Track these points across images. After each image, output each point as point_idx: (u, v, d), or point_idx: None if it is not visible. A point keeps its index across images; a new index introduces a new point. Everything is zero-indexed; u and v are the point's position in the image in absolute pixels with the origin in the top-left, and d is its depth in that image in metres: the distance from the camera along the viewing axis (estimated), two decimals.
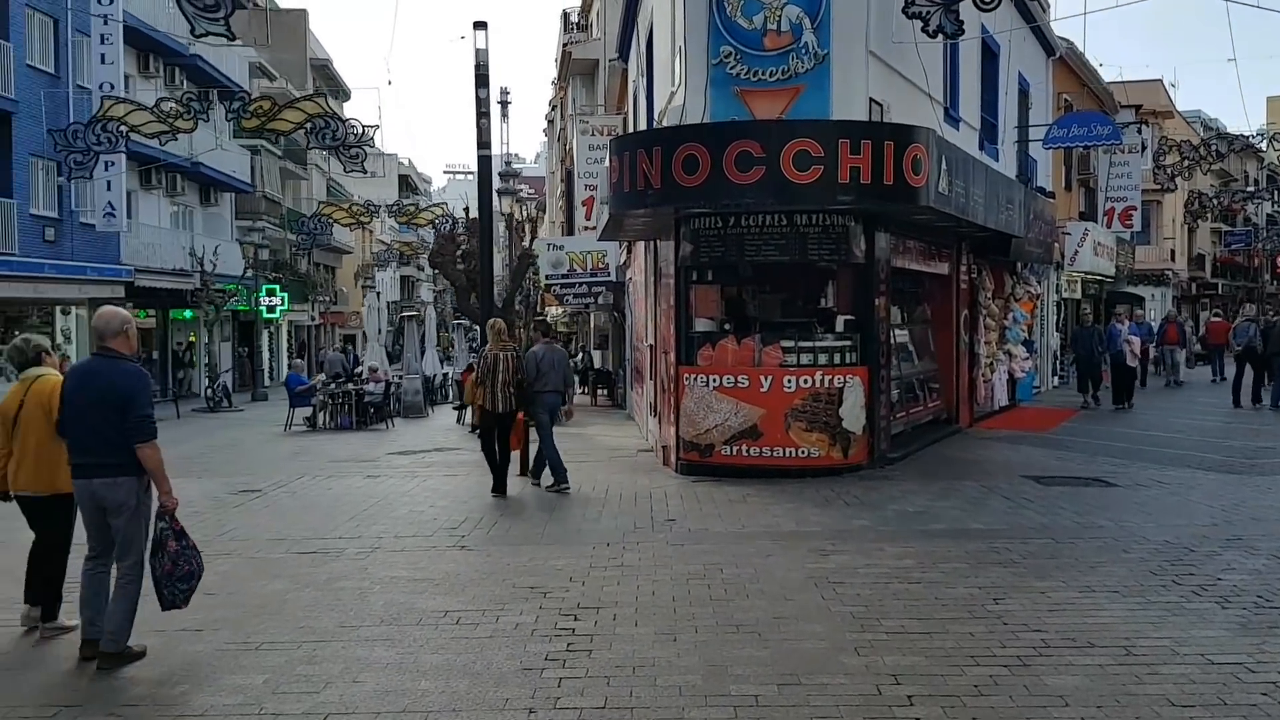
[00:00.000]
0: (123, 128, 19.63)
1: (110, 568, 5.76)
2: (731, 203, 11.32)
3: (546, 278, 26.86)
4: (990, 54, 19.33)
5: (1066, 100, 26.61)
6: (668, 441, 13.01)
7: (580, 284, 26.36)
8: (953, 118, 16.22)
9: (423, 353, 25.60)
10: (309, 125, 19.77)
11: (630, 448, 15.43)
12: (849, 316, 12.40)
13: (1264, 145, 33.59)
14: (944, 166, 11.95)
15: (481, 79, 15.33)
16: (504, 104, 77.80)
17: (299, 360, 33.74)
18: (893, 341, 13.95)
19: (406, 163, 70.08)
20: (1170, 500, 10.17)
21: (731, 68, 12.03)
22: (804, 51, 11.88)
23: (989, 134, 19.25)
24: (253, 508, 10.61)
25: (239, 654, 5.76)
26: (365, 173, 20.34)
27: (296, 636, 6.08)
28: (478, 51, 15.32)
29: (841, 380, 11.95)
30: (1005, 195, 15.59)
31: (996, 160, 18.91)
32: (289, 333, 46.50)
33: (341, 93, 59.55)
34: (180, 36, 30.67)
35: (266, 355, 39.32)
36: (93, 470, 5.57)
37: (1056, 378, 25.96)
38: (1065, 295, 26.88)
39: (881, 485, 11.27)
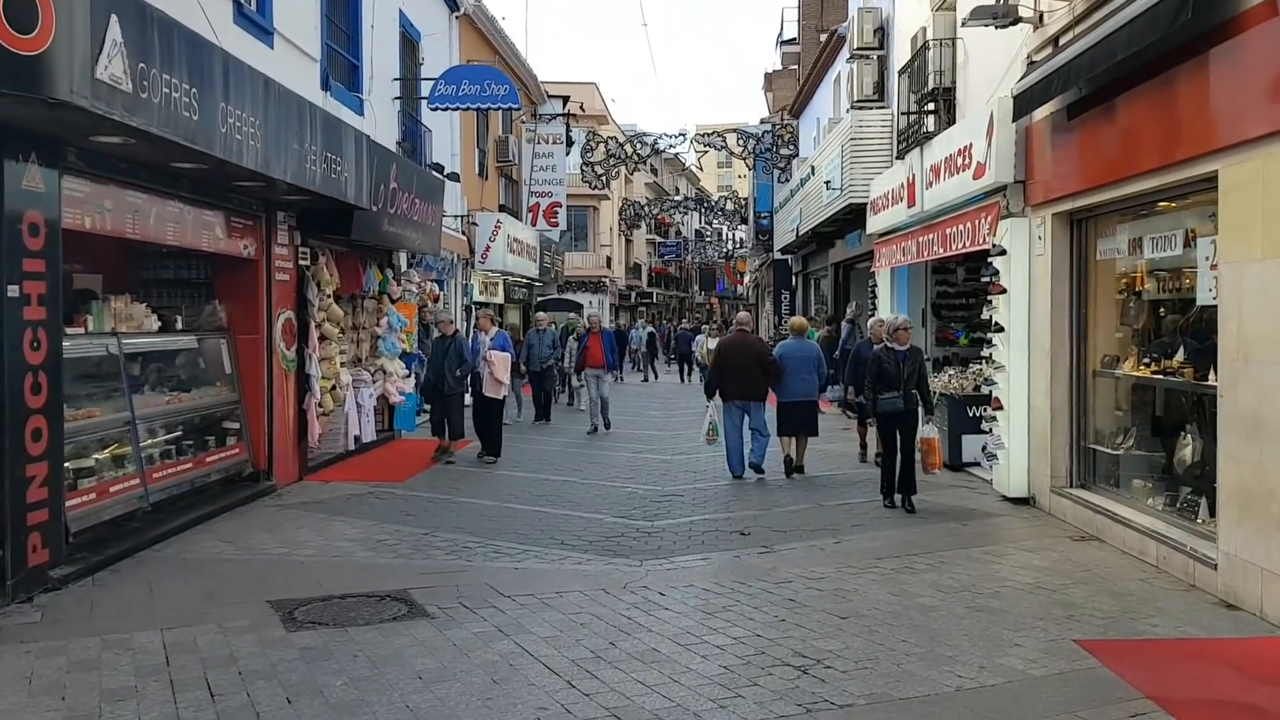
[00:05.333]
0: None
1: None
2: None
3: None
4: None
5: None
6: None
7: None
8: (252, 21, 10.81)
9: None
10: None
11: None
12: None
13: (685, 146, 32.63)
14: (120, 37, 6.35)
15: None
16: None
17: None
18: (84, 359, 8.28)
19: None
20: (486, 662, 5.44)
21: None
22: None
23: (345, 77, 14.20)
24: None
25: None
26: None
27: None
28: None
29: None
30: (329, 143, 10.46)
31: (360, 114, 13.98)
32: None
33: None
34: None
35: None
36: None
37: None
38: (482, 298, 22.75)
39: None
